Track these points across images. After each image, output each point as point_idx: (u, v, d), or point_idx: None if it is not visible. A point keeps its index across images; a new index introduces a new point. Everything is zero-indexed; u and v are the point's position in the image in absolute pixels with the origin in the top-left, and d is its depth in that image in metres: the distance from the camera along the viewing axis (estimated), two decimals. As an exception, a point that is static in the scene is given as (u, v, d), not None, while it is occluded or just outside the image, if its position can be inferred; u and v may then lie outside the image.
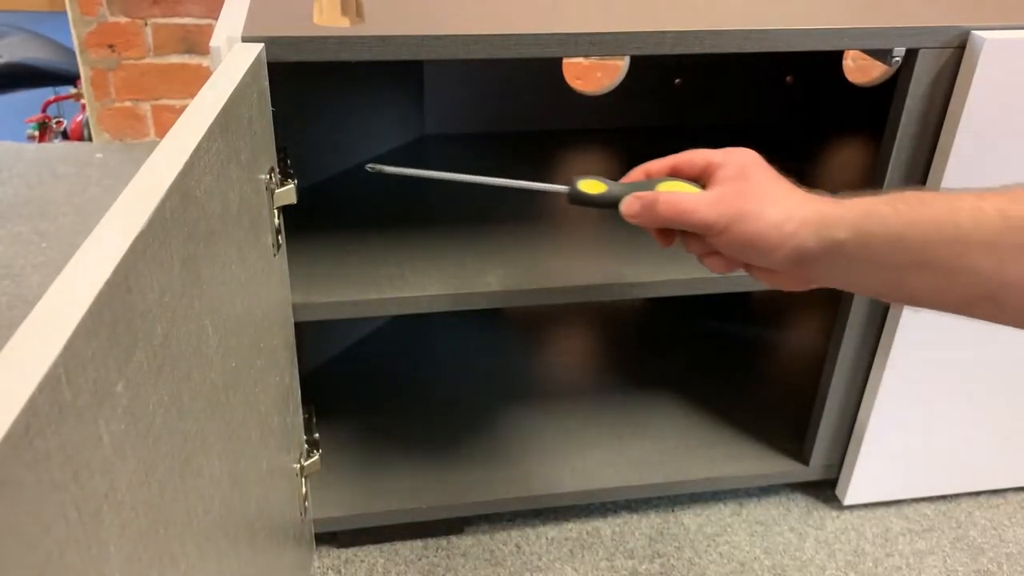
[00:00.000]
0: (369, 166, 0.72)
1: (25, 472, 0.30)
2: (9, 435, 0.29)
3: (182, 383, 0.47)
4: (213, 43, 0.69)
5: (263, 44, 0.68)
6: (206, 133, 0.51)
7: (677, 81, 1.25)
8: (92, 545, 0.36)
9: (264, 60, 0.68)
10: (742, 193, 0.62)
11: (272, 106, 0.70)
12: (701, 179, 0.68)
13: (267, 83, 0.68)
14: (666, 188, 0.68)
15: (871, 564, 0.98)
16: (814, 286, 0.64)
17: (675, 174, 0.70)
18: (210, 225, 0.52)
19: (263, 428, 0.68)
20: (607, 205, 0.71)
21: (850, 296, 0.91)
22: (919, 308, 0.57)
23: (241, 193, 0.60)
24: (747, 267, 0.66)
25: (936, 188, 0.83)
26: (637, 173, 0.71)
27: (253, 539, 0.65)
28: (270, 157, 0.70)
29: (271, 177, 0.70)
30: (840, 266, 0.59)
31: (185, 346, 0.48)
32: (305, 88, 0.98)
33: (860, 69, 2.01)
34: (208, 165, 0.52)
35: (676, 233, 0.69)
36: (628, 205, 0.68)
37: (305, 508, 0.88)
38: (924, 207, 0.55)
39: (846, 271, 0.59)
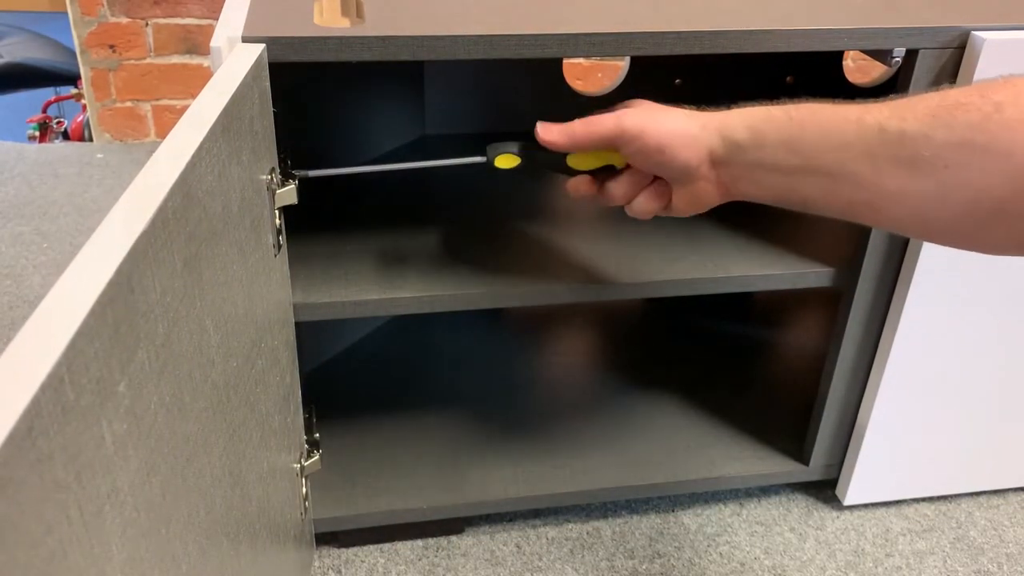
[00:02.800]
0: (299, 172, 0.74)
1: (28, 472, 0.30)
2: (12, 435, 0.29)
3: (183, 383, 0.47)
4: (213, 43, 0.69)
5: (264, 45, 0.68)
6: (208, 133, 0.51)
7: (677, 81, 1.25)
8: (95, 545, 0.36)
9: (265, 60, 0.68)
10: (651, 107, 0.69)
11: (272, 106, 0.70)
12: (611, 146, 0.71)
13: (268, 83, 0.68)
14: (576, 157, 0.74)
15: (871, 564, 0.98)
16: (726, 199, 0.69)
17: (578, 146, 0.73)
18: (212, 225, 0.52)
19: (264, 428, 0.68)
20: (526, 151, 0.75)
21: (850, 296, 0.91)
22: (814, 211, 0.62)
23: (242, 193, 0.60)
24: (666, 207, 0.72)
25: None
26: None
27: (254, 539, 0.65)
28: (271, 157, 0.70)
29: (272, 177, 0.70)
30: (741, 167, 0.64)
31: (187, 346, 0.48)
32: (305, 89, 0.99)
33: (860, 69, 2.01)
34: (210, 165, 0.52)
35: (597, 181, 0.73)
36: (545, 129, 0.71)
37: (305, 508, 0.88)
38: (815, 116, 0.60)
39: (748, 174, 0.64)
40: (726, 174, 0.66)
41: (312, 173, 0.76)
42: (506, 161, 0.76)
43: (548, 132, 0.72)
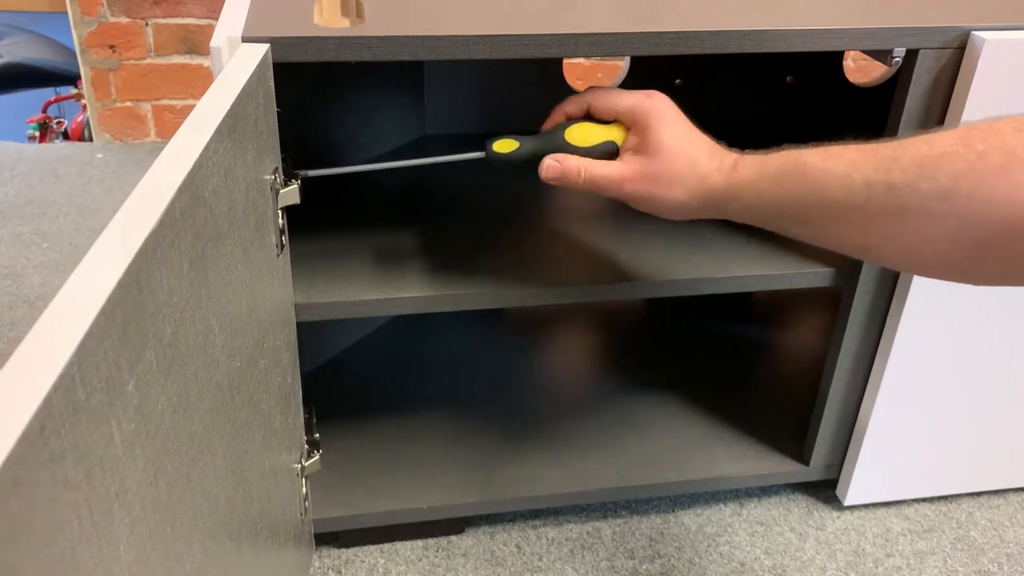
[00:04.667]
0: (299, 172, 0.75)
1: (40, 471, 0.30)
2: (26, 434, 0.29)
3: (189, 382, 0.48)
4: (213, 43, 0.69)
5: (269, 45, 0.68)
6: (214, 133, 0.51)
7: (677, 81, 1.26)
8: (103, 544, 0.36)
9: (270, 61, 0.68)
10: (652, 177, 0.71)
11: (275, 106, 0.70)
12: (619, 120, 0.75)
13: (272, 83, 0.69)
14: (575, 132, 0.75)
15: (871, 564, 0.98)
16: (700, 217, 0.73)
17: (590, 115, 0.76)
18: (217, 225, 0.52)
19: (266, 428, 0.68)
20: (524, 161, 0.76)
21: (850, 296, 0.91)
22: (808, 243, 0.67)
23: (247, 193, 0.60)
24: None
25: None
26: (558, 115, 0.77)
27: (255, 539, 0.65)
28: (275, 157, 0.70)
29: (276, 177, 0.70)
30: (732, 212, 0.69)
31: (192, 346, 0.48)
32: (305, 89, 0.99)
33: (860, 69, 2.01)
34: (216, 165, 0.52)
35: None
36: (548, 169, 0.74)
37: (305, 508, 0.89)
38: (804, 181, 0.63)
39: (738, 214, 0.69)
40: (713, 211, 0.71)
41: (312, 173, 0.76)
42: (504, 145, 0.76)
43: (550, 171, 0.74)
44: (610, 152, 0.75)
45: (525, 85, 1.21)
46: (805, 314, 1.33)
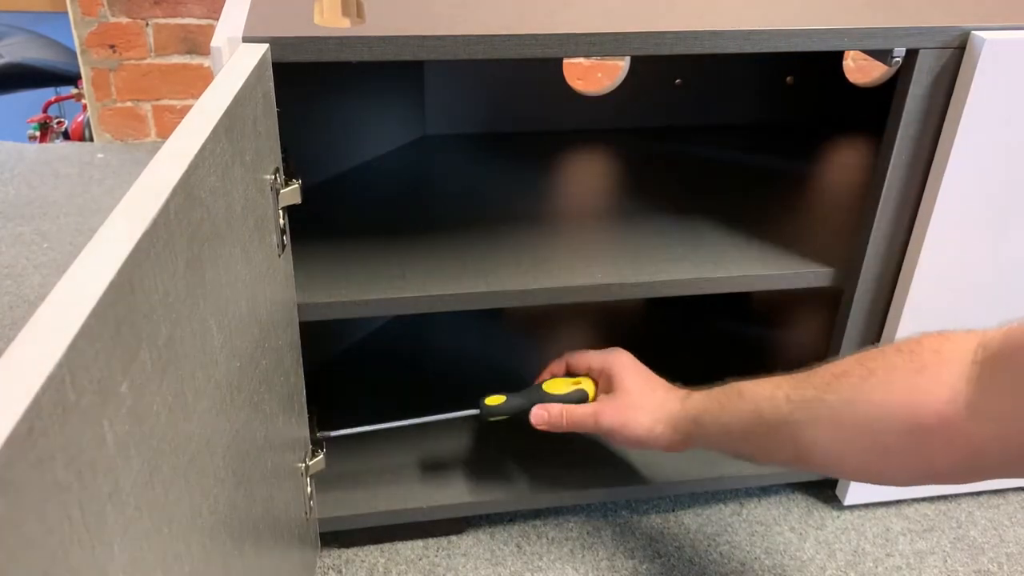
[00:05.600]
0: (321, 434, 0.90)
1: (29, 472, 0.30)
2: (13, 436, 0.29)
3: (187, 383, 0.48)
4: (214, 44, 0.69)
5: (268, 45, 0.68)
6: (211, 134, 0.51)
7: (677, 81, 1.26)
8: (96, 545, 0.36)
9: (269, 61, 0.68)
10: (620, 408, 0.87)
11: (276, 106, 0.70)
12: (589, 375, 0.93)
13: (272, 84, 0.68)
14: (551, 385, 0.92)
15: (871, 564, 0.98)
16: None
17: (569, 371, 0.95)
18: (215, 226, 0.52)
19: (268, 428, 0.68)
20: (514, 411, 0.92)
21: (850, 295, 0.91)
22: (760, 464, 0.80)
23: (246, 194, 0.60)
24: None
25: (935, 191, 0.83)
26: (546, 374, 0.95)
27: (258, 539, 0.65)
28: (275, 158, 0.70)
29: (276, 177, 0.70)
30: (694, 444, 0.84)
31: (190, 347, 0.48)
32: (305, 89, 0.99)
33: (860, 69, 2.01)
34: (213, 166, 0.52)
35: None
36: (536, 416, 0.90)
37: (310, 508, 0.89)
38: (743, 400, 0.77)
39: (700, 446, 0.83)
40: (679, 444, 0.85)
41: (333, 434, 0.92)
42: (495, 400, 0.93)
43: (538, 418, 0.90)
44: (581, 398, 0.91)
45: (525, 85, 1.21)
46: (805, 314, 1.32)
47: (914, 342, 0.66)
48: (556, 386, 0.92)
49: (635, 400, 0.87)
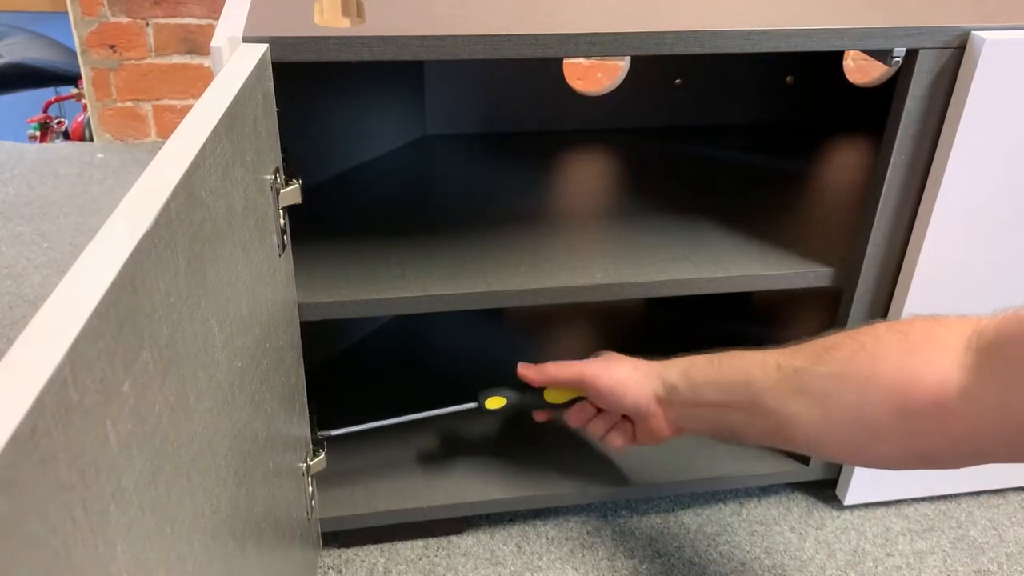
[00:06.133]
0: (322, 433, 0.90)
1: (32, 472, 0.30)
2: (16, 436, 0.29)
3: (188, 383, 0.48)
4: (214, 44, 0.69)
5: (267, 45, 0.68)
6: (211, 134, 0.51)
7: (677, 81, 1.26)
8: (99, 544, 0.36)
9: (269, 61, 0.68)
10: (610, 357, 0.88)
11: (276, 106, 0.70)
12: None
13: (272, 84, 0.69)
14: (551, 396, 0.92)
15: (871, 564, 0.98)
16: (677, 434, 0.85)
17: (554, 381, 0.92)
18: (215, 226, 0.52)
19: (269, 428, 0.68)
20: (511, 391, 0.93)
21: (850, 295, 0.91)
22: (742, 444, 0.79)
23: (246, 194, 0.60)
24: (632, 440, 0.89)
25: (935, 191, 0.83)
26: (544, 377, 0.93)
27: (260, 539, 0.65)
28: (275, 158, 0.70)
29: (276, 177, 0.70)
30: (679, 405, 0.82)
31: (191, 346, 0.48)
32: (305, 89, 0.99)
33: (860, 69, 2.01)
34: (213, 166, 0.52)
35: (586, 418, 0.91)
36: (524, 367, 0.91)
37: (311, 508, 0.89)
38: (731, 360, 0.76)
39: (686, 411, 0.81)
40: (670, 412, 0.83)
41: (334, 432, 0.91)
42: (495, 403, 0.92)
43: (527, 369, 0.91)
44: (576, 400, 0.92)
45: (525, 85, 1.21)
46: (805, 314, 1.32)
47: (907, 323, 0.67)
48: (556, 396, 0.93)
49: (621, 358, 0.88)
